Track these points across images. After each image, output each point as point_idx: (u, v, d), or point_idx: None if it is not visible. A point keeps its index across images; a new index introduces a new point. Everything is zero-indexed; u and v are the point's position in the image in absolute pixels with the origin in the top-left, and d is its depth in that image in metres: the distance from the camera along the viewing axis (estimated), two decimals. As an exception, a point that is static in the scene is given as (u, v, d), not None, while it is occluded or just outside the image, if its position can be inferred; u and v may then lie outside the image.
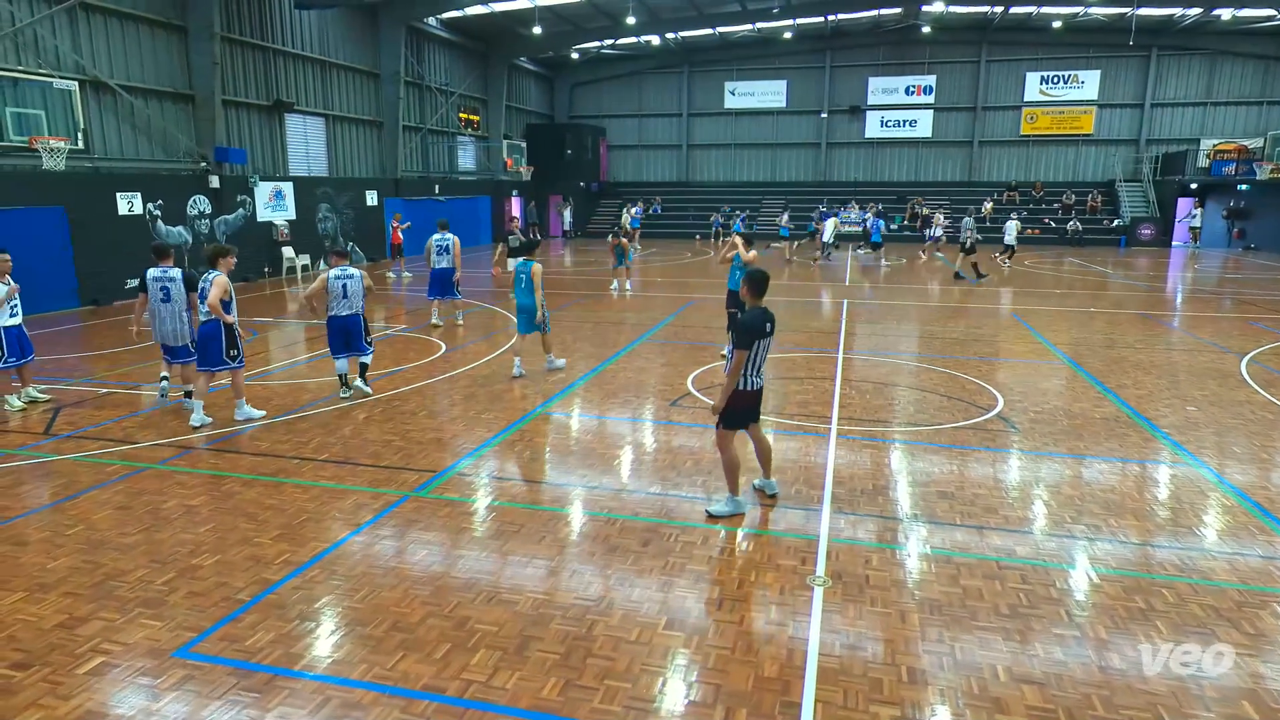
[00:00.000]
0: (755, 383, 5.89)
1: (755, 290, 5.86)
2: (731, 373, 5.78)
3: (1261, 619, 4.58)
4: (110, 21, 17.30)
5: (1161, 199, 33.60)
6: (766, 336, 5.81)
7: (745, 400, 5.88)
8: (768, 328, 5.81)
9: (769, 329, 5.82)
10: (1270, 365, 11.12)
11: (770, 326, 5.82)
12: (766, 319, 5.81)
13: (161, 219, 18.32)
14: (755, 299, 5.84)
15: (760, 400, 6.02)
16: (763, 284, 5.87)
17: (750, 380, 5.85)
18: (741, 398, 5.85)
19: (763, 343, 5.81)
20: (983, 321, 14.80)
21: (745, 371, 5.78)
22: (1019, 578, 5.04)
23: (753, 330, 5.74)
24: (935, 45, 36.32)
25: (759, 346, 5.78)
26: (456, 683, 3.96)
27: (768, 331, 5.81)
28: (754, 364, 5.80)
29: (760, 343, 5.78)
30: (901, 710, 3.78)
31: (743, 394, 5.84)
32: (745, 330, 5.73)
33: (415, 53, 28.56)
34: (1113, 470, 7.03)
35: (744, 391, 5.84)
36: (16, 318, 8.61)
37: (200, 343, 8.22)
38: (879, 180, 38.33)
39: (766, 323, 5.80)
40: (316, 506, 6.12)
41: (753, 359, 5.76)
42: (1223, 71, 33.87)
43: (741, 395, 5.84)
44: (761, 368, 5.90)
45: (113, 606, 4.66)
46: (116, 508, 6.09)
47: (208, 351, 8.14)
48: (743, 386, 5.83)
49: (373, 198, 26.23)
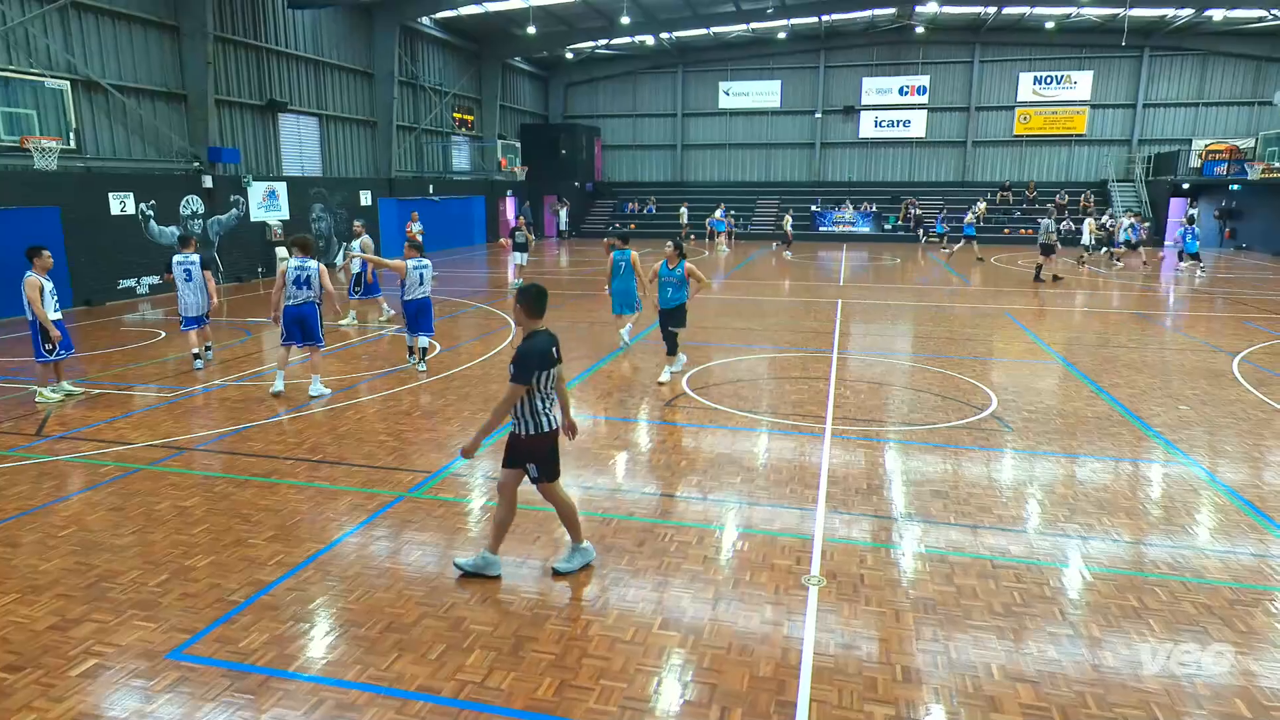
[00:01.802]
0: (552, 419, 4.92)
1: (531, 308, 4.83)
2: (499, 411, 4.77)
3: (1254, 616, 4.60)
4: (102, 20, 17.23)
5: (1154, 199, 33.75)
6: (553, 365, 4.86)
7: (544, 442, 4.90)
8: (554, 353, 4.86)
9: (555, 355, 4.87)
10: (1262, 364, 11.18)
11: (556, 352, 4.88)
12: (551, 343, 4.87)
13: (154, 219, 18.25)
14: (532, 319, 4.84)
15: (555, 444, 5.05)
16: (538, 301, 4.84)
17: (543, 420, 4.85)
18: (541, 441, 4.88)
19: (549, 372, 4.85)
20: (976, 321, 14.84)
21: (535, 409, 4.81)
22: (1013, 576, 5.05)
23: (534, 360, 4.72)
24: (929, 46, 36.43)
25: (545, 378, 4.82)
26: (451, 683, 3.95)
27: (554, 358, 4.86)
28: (544, 399, 4.86)
29: (545, 373, 4.82)
30: (896, 709, 3.79)
31: (540, 437, 4.86)
32: (522, 361, 4.69)
33: (409, 52, 28.51)
34: (1106, 469, 7.06)
35: (539, 435, 4.85)
36: (58, 312, 9.02)
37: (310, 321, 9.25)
38: (873, 180, 38.41)
39: (551, 348, 4.85)
40: (311, 507, 6.10)
41: (539, 393, 4.82)
42: (1214, 72, 34.04)
43: (539, 439, 4.86)
44: (555, 398, 4.97)
45: (106, 608, 4.64)
46: (110, 509, 6.07)
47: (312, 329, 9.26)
48: (537, 429, 4.83)
49: (367, 198, 26.18)
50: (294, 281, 9.07)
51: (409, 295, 10.49)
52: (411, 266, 10.36)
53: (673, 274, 10.06)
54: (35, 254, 8.85)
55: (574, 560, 5.13)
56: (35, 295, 8.70)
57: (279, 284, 9.14)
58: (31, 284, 8.72)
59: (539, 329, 4.84)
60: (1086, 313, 15.96)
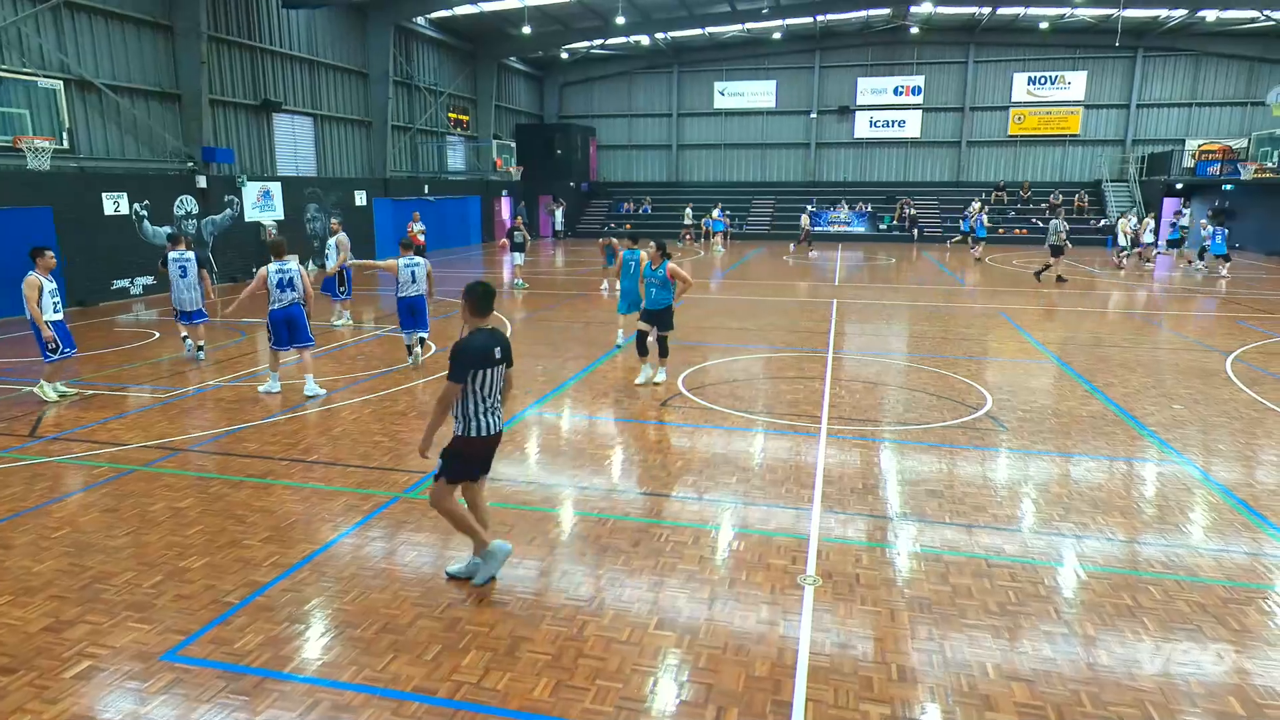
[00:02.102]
0: (491, 424, 4.74)
1: (475, 307, 4.68)
2: (437, 408, 4.65)
3: (1247, 615, 4.62)
4: (95, 20, 17.17)
5: (1147, 199, 33.87)
6: (494, 365, 4.65)
7: (478, 448, 4.77)
8: (496, 353, 4.64)
9: (498, 355, 4.66)
10: (1255, 363, 11.22)
11: (501, 352, 4.68)
12: (494, 343, 4.66)
13: (148, 219, 18.19)
14: (477, 318, 4.69)
15: (494, 449, 4.92)
16: (484, 299, 4.68)
17: (482, 422, 4.69)
18: (473, 445, 4.73)
19: (490, 373, 4.64)
20: (971, 321, 14.88)
21: (469, 411, 4.66)
22: (1008, 575, 5.07)
23: (469, 357, 4.56)
24: (923, 46, 36.50)
25: (485, 378, 4.63)
26: (447, 684, 3.95)
27: (496, 359, 4.65)
28: (482, 401, 4.68)
29: (485, 373, 4.63)
30: (892, 708, 3.79)
31: (474, 440, 4.71)
32: (456, 358, 4.55)
33: (404, 52, 28.47)
34: (1100, 468, 7.08)
35: (476, 438, 4.70)
36: (59, 313, 9.07)
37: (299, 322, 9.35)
38: (868, 180, 38.47)
39: (494, 348, 4.65)
40: (306, 508, 6.09)
41: (477, 394, 4.65)
42: (1207, 72, 34.18)
43: (473, 442, 4.72)
44: (499, 403, 4.80)
45: (100, 609, 4.62)
46: (103, 510, 6.05)
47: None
48: (474, 432, 4.68)
49: (361, 198, 26.14)
50: (277, 285, 9.13)
51: (402, 293, 10.59)
52: (403, 265, 10.53)
53: (655, 275, 9.72)
54: (38, 254, 8.91)
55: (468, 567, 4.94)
56: (33, 295, 8.74)
57: (254, 286, 9.25)
58: (30, 283, 8.75)
59: (483, 327, 4.69)
60: (1081, 312, 16.00)
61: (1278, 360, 11.51)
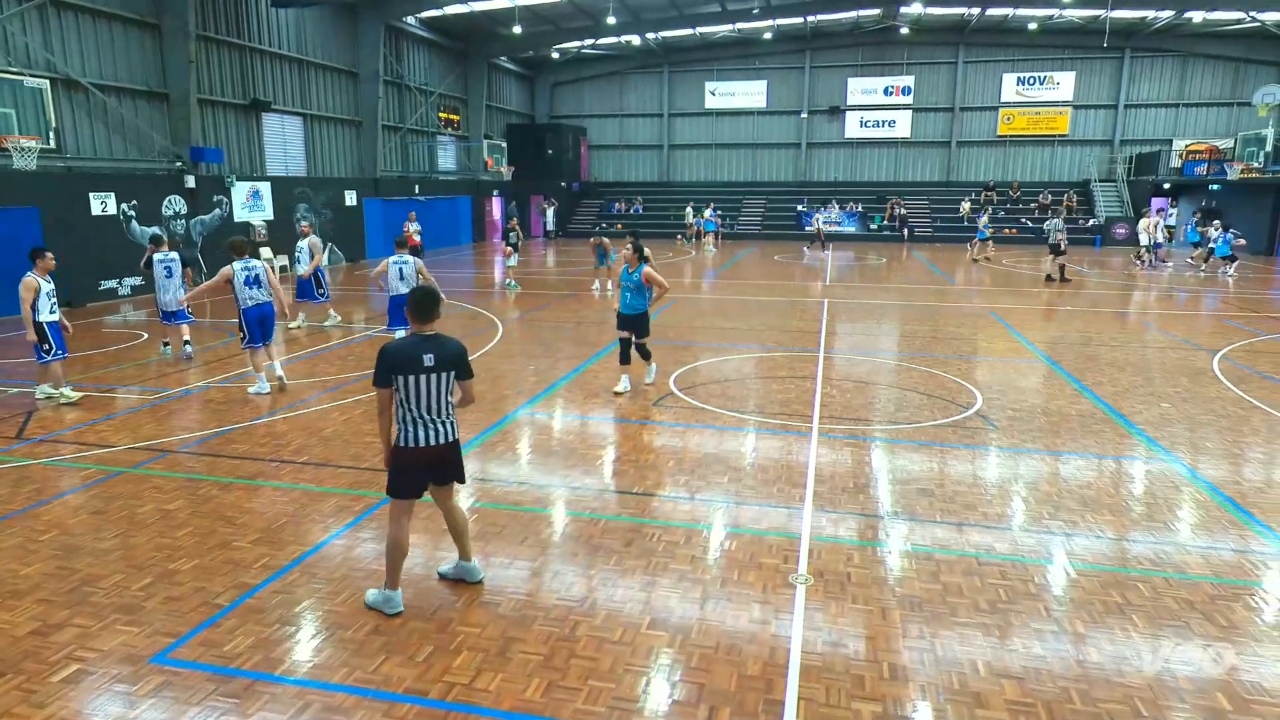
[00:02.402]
0: (424, 436, 4.45)
1: (413, 312, 4.48)
2: (379, 417, 4.52)
3: (1234, 611, 4.66)
4: (82, 18, 17.04)
5: (1135, 199, 34.09)
6: (425, 373, 4.37)
7: (409, 460, 4.48)
8: (425, 360, 4.35)
9: (428, 362, 4.35)
10: (1241, 362, 11.32)
11: (432, 359, 4.36)
12: (423, 349, 4.37)
13: (136, 219, 18.07)
14: (417, 323, 4.49)
15: (444, 460, 4.58)
16: (423, 304, 4.46)
17: (411, 432, 4.44)
18: (404, 456, 4.47)
19: (417, 380, 4.37)
20: (961, 320, 14.94)
21: (401, 419, 4.45)
22: (998, 574, 5.09)
23: (388, 361, 4.35)
24: (913, 46, 36.62)
25: (413, 385, 4.38)
26: (439, 685, 3.94)
27: (426, 366, 4.36)
28: (413, 409, 4.43)
29: (410, 380, 4.36)
30: (883, 706, 3.81)
31: (405, 451, 4.46)
32: (379, 361, 4.38)
33: (394, 52, 28.38)
34: (1089, 466, 7.12)
35: (406, 449, 4.45)
36: (55, 314, 9.02)
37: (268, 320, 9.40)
38: (859, 180, 38.58)
39: (423, 354, 4.35)
40: (296, 509, 6.06)
41: (405, 402, 4.42)
42: (1194, 73, 34.42)
43: (404, 453, 4.46)
44: (438, 415, 4.48)
45: (88, 613, 4.59)
46: (91, 512, 6.00)
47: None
48: (404, 441, 4.44)
49: (352, 198, 26.04)
50: (245, 283, 9.17)
51: (392, 291, 10.74)
52: (393, 263, 10.76)
53: (631, 278, 9.25)
54: (38, 255, 8.87)
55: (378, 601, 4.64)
56: (29, 296, 8.69)
57: (215, 283, 9.22)
58: (28, 285, 8.71)
59: (421, 333, 4.45)
60: (1070, 311, 16.10)
61: (1264, 358, 11.60)
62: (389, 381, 4.39)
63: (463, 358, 4.56)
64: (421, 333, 4.48)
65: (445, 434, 4.55)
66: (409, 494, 4.58)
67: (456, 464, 4.70)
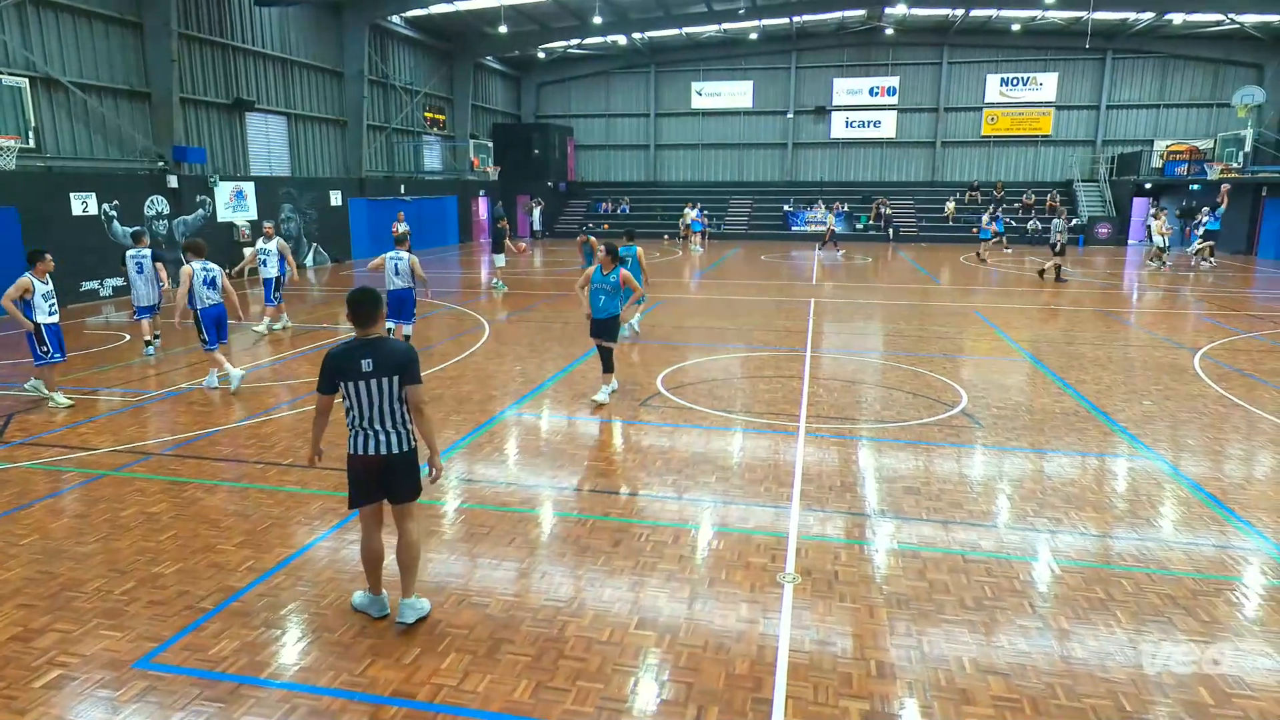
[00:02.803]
0: (366, 444, 4.28)
1: (352, 315, 4.26)
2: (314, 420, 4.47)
3: (1216, 607, 4.71)
4: (62, 17, 16.85)
5: (1117, 199, 34.43)
6: (363, 378, 4.19)
7: (356, 468, 4.35)
8: (363, 365, 4.17)
9: (365, 367, 4.17)
10: (1222, 360, 11.45)
11: (370, 364, 4.17)
12: (361, 354, 4.19)
13: (117, 219, 17.88)
14: (356, 326, 4.27)
15: (392, 471, 4.34)
16: (359, 307, 4.23)
17: (357, 440, 4.30)
18: (351, 464, 4.35)
19: (357, 386, 4.20)
20: (946, 319, 15.03)
21: (348, 424, 4.32)
22: (984, 571, 5.13)
23: (325, 364, 4.24)
24: (898, 47, 36.83)
25: (354, 391, 4.22)
26: (427, 687, 3.92)
27: (363, 371, 4.18)
28: (358, 417, 4.27)
29: (350, 386, 4.21)
30: (871, 704, 3.83)
31: (352, 459, 4.34)
32: (323, 365, 4.27)
33: (379, 51, 28.24)
34: (1073, 464, 7.19)
35: (353, 455, 4.33)
36: (54, 316, 9.03)
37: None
38: (845, 180, 38.73)
39: (363, 359, 4.18)
40: (282, 512, 6.02)
41: (351, 409, 4.27)
42: (1175, 74, 34.80)
43: (351, 460, 4.34)
44: (381, 423, 4.27)
45: (70, 617, 4.53)
46: (73, 516, 5.94)
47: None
48: (351, 448, 4.32)
49: (337, 198, 25.88)
50: (203, 283, 9.34)
51: (387, 285, 11.03)
52: (389, 259, 10.98)
53: (606, 280, 8.86)
54: (38, 257, 8.91)
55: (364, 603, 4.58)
56: (14, 292, 8.64)
57: (186, 285, 9.25)
58: (19, 283, 8.68)
59: (364, 337, 4.25)
60: (1053, 310, 16.23)
61: (1244, 356, 11.75)
62: (330, 387, 4.27)
63: (406, 363, 4.27)
64: (363, 337, 4.27)
65: (390, 444, 4.29)
66: (361, 501, 4.42)
67: (407, 478, 4.40)
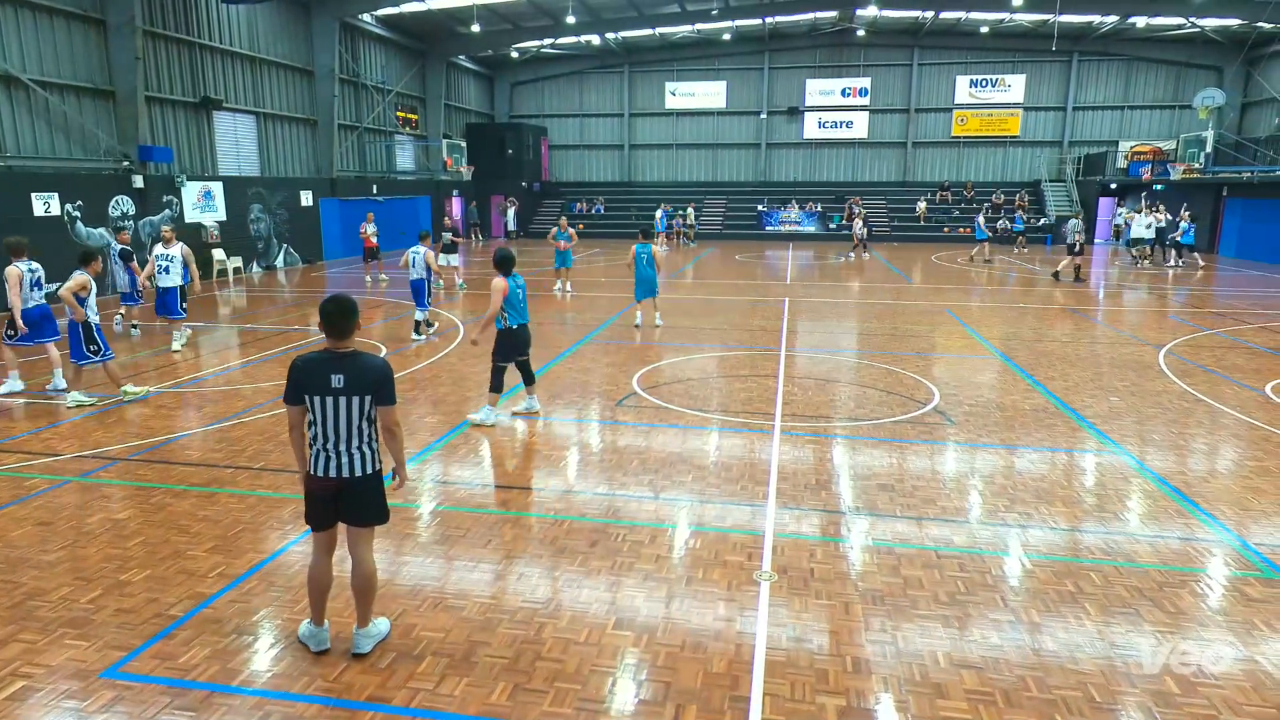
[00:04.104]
0: (324, 465, 4.00)
1: (325, 325, 3.95)
2: (289, 435, 4.16)
3: (1181, 598, 4.81)
4: (22, 12, 16.46)
5: (1084, 198, 35.05)
6: (331, 394, 3.90)
7: (309, 488, 4.10)
8: (333, 381, 3.88)
9: (335, 383, 3.88)
10: (1185, 356, 11.70)
11: (341, 381, 3.88)
12: (333, 368, 3.89)
13: (81, 220, 17.51)
14: (331, 338, 3.96)
15: (350, 495, 4.05)
16: (333, 316, 3.93)
17: (317, 460, 4.01)
18: (306, 483, 4.11)
19: (324, 402, 3.91)
20: (918, 318, 15.20)
21: (310, 441, 4.03)
22: (957, 566, 5.19)
23: (291, 377, 3.97)
24: (869, 48, 37.19)
25: (318, 407, 3.93)
26: (403, 692, 3.89)
27: (333, 387, 3.88)
28: (319, 434, 3.98)
29: (317, 401, 3.92)
30: (847, 700, 3.86)
31: (307, 478, 4.08)
32: (289, 376, 3.98)
33: (350, 50, 27.94)
34: (1042, 459, 7.30)
35: (308, 475, 4.07)
36: (97, 315, 9.05)
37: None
38: (817, 180, 39.03)
39: (331, 374, 3.88)
40: (253, 516, 5.93)
41: (314, 425, 3.98)
42: (1138, 77, 35.53)
43: (306, 480, 4.09)
44: (345, 444, 3.97)
45: (34, 628, 4.43)
46: (36, 523, 5.80)
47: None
48: (309, 467, 4.05)
49: (308, 198, 25.56)
50: (32, 285, 9.30)
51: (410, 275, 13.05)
52: (411, 252, 13.02)
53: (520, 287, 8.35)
54: (91, 257, 8.99)
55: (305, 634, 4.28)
56: (75, 288, 8.61)
57: (15, 288, 9.06)
58: (79, 280, 8.68)
59: (335, 350, 3.95)
60: (1023, 309, 16.48)
61: (1206, 353, 12.01)
62: (298, 399, 3.96)
63: (381, 381, 3.97)
64: (335, 349, 3.95)
65: (351, 466, 3.99)
66: (314, 525, 4.15)
67: (369, 503, 4.10)
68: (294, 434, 4.10)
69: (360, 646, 4.18)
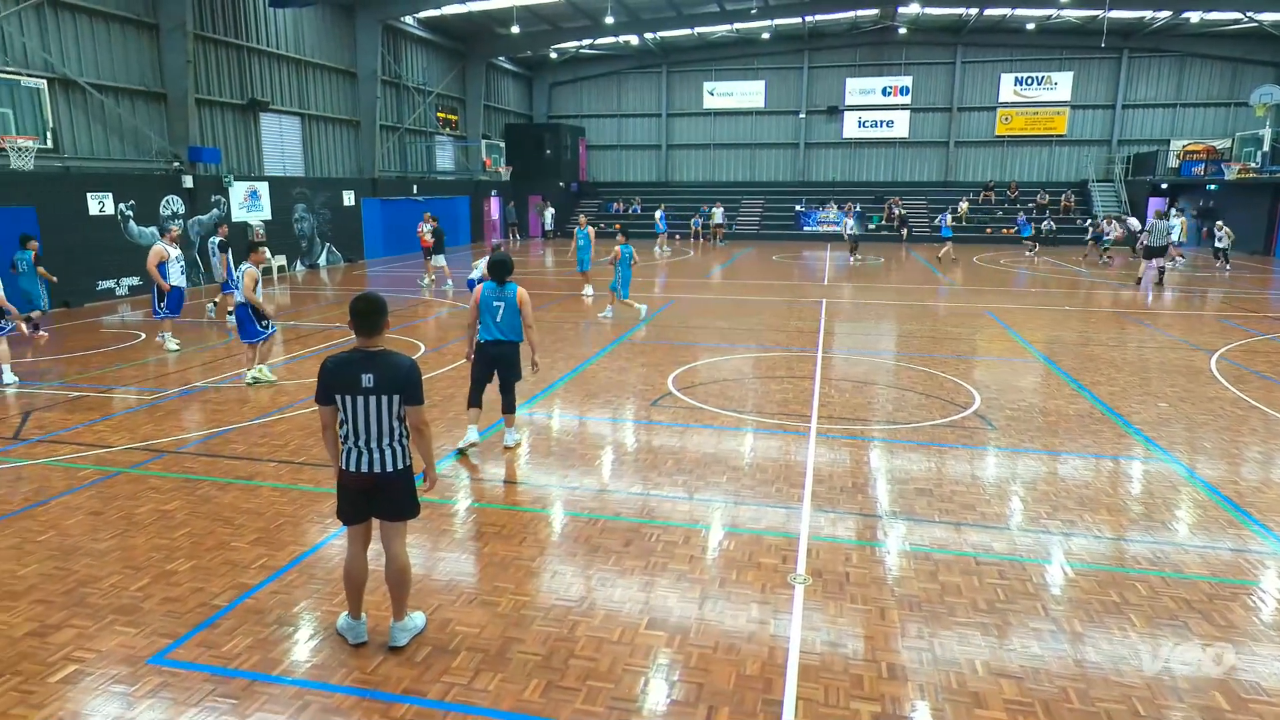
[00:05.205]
0: (365, 461, 4.02)
1: (355, 324, 4.01)
2: (323, 435, 4.21)
3: (1232, 611, 4.66)
4: (79, 18, 17.01)
5: (1133, 199, 34.13)
6: (360, 394, 3.93)
7: (342, 483, 4.14)
8: (363, 381, 3.91)
9: (366, 383, 3.92)
10: (1239, 362, 11.33)
11: (371, 380, 3.92)
12: (362, 368, 3.93)
13: (134, 219, 18.04)
14: (360, 336, 4.02)
15: (382, 490, 4.09)
16: (363, 315, 3.98)
17: (354, 457, 4.04)
18: (339, 478, 4.15)
19: (354, 401, 3.95)
20: (959, 320, 14.95)
21: (342, 439, 4.07)
22: (996, 573, 5.09)
23: (320, 376, 4.03)
24: (911, 46, 36.65)
25: (348, 406, 3.97)
26: (438, 686, 3.93)
27: (363, 387, 3.92)
28: (351, 432, 4.01)
29: (348, 400, 3.96)
30: (882, 706, 3.81)
31: (340, 473, 4.13)
32: (319, 377, 4.04)
33: (392, 52, 28.36)
34: (1087, 466, 7.13)
35: (342, 471, 4.11)
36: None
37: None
38: (857, 180, 38.60)
39: (362, 374, 3.92)
40: (294, 509, 6.06)
41: (345, 423, 4.02)
42: (1191, 73, 34.48)
43: (339, 475, 4.14)
44: (377, 441, 4.01)
45: (85, 614, 4.58)
46: (89, 513, 6.00)
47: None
48: (342, 463, 4.09)
49: (350, 198, 26.02)
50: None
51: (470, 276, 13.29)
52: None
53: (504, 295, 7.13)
54: (254, 249, 9.86)
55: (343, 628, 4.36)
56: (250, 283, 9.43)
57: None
58: (249, 274, 9.50)
59: (368, 349, 3.99)
60: (1067, 311, 16.11)
61: (1261, 358, 11.62)
62: (328, 400, 4.01)
63: (410, 380, 3.99)
64: (365, 348, 3.99)
65: (384, 461, 4.04)
66: (347, 520, 4.22)
67: (401, 498, 4.15)
68: (327, 434, 4.16)
69: (396, 640, 4.24)
